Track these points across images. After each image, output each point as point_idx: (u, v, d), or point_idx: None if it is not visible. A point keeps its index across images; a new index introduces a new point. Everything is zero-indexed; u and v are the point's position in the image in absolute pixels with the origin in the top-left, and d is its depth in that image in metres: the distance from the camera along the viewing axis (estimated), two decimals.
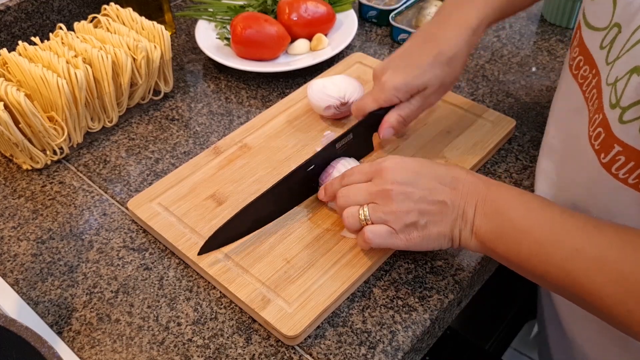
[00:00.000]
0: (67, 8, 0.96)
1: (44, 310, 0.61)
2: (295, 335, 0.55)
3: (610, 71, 0.52)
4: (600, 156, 0.53)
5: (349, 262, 0.61)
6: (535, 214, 0.54)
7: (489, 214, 0.55)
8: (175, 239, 0.64)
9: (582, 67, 0.58)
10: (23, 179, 0.75)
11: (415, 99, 0.67)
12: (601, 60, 0.54)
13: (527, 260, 0.53)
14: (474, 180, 0.57)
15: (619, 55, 0.51)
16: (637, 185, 0.50)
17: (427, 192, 0.56)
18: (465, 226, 0.56)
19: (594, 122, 0.54)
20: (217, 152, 0.74)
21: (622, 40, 0.50)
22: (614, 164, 0.51)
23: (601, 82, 0.54)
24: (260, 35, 0.87)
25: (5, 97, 0.70)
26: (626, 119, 0.49)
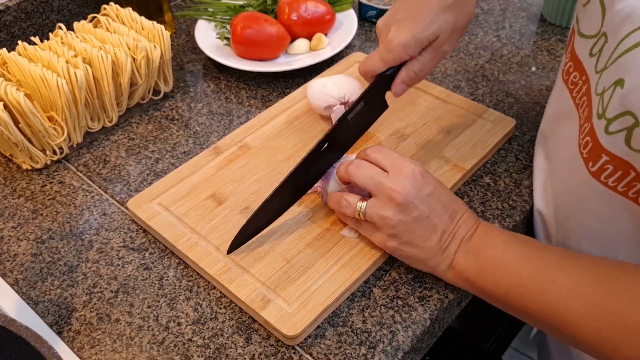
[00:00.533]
0: (67, 8, 0.96)
1: (43, 310, 0.61)
2: (295, 335, 0.55)
3: (599, 80, 0.52)
4: (589, 165, 0.53)
5: (349, 262, 0.61)
6: (513, 250, 0.55)
7: (470, 252, 0.56)
8: (175, 239, 0.64)
9: (572, 73, 0.58)
10: (23, 178, 0.75)
11: (427, 52, 0.61)
12: (591, 68, 0.54)
13: (506, 295, 0.53)
14: (468, 219, 0.58)
15: (606, 65, 0.51)
16: (626, 192, 0.50)
17: (426, 214, 0.56)
18: (444, 260, 0.57)
19: (584, 130, 0.54)
20: (217, 152, 0.74)
21: (609, 51, 0.50)
22: (603, 173, 0.52)
23: (590, 90, 0.54)
24: (260, 35, 0.87)
25: (5, 97, 0.70)
26: (612, 130, 0.49)
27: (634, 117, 0.46)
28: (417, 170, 0.57)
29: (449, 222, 0.57)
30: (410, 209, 0.56)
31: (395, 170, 0.57)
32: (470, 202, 0.69)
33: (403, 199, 0.55)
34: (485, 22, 0.99)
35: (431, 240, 0.56)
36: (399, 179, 0.56)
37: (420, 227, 0.56)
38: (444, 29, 0.59)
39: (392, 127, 0.76)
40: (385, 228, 0.57)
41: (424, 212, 0.56)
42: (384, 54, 0.61)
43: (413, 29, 0.58)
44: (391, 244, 0.58)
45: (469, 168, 0.70)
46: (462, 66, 0.89)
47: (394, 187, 0.56)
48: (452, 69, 0.89)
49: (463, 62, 0.90)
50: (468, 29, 0.97)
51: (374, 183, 0.57)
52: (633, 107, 0.46)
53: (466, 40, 0.95)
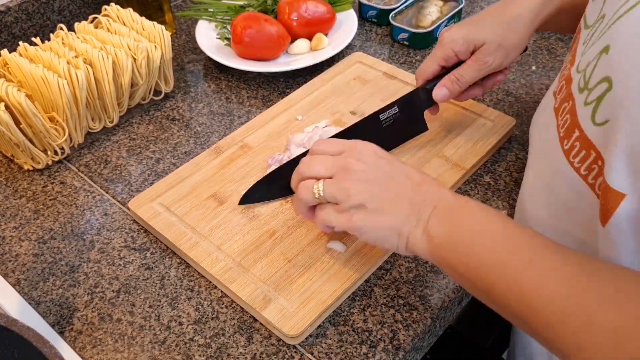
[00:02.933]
0: (68, 8, 0.96)
1: (45, 310, 0.61)
2: (296, 334, 0.55)
3: (581, 59, 0.52)
4: (564, 143, 0.51)
5: (350, 261, 0.61)
6: (494, 224, 0.50)
7: (447, 217, 0.51)
8: (176, 238, 0.64)
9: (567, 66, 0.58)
10: (24, 179, 0.76)
11: (472, 59, 0.66)
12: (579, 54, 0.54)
13: (476, 269, 0.49)
14: (441, 188, 0.54)
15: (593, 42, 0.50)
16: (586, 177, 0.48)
17: (389, 178, 0.53)
18: (418, 225, 0.52)
19: (563, 111, 0.53)
20: (218, 151, 0.74)
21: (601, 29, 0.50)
22: (572, 150, 0.50)
23: (571, 72, 0.54)
24: (261, 35, 0.87)
25: (6, 97, 0.70)
26: (589, 100, 0.48)
27: (608, 82, 0.45)
28: (371, 145, 0.56)
29: (415, 187, 0.53)
30: (370, 173, 0.53)
31: (348, 149, 0.55)
32: None
33: (361, 164, 0.53)
34: None
35: (401, 202, 0.52)
36: (353, 152, 0.55)
37: (385, 191, 0.53)
38: (491, 38, 0.65)
39: None
40: (346, 200, 0.53)
41: (386, 173, 0.53)
42: (435, 51, 0.67)
43: (465, 30, 0.66)
44: (357, 217, 0.53)
45: (469, 167, 0.70)
46: None
47: (349, 158, 0.54)
48: None
49: None
50: None
51: (327, 165, 0.55)
52: (612, 70, 0.45)
53: None
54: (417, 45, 0.93)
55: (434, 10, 0.96)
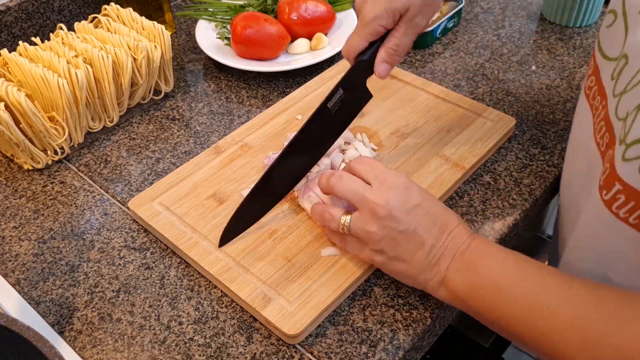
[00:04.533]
0: (68, 8, 0.96)
1: (45, 310, 0.61)
2: (296, 334, 0.55)
3: (619, 104, 0.50)
4: (602, 193, 0.51)
5: (350, 261, 0.61)
6: (509, 269, 0.52)
7: (463, 269, 0.53)
8: (176, 238, 0.64)
9: (596, 97, 0.57)
10: (24, 179, 0.76)
11: (400, 26, 0.61)
12: (609, 91, 0.53)
13: (499, 319, 0.51)
14: (461, 232, 0.55)
15: (625, 89, 0.49)
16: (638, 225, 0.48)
17: (413, 226, 0.54)
18: (435, 277, 0.55)
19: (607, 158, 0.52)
20: (218, 151, 0.74)
21: (630, 73, 0.48)
22: (615, 202, 0.49)
23: (609, 114, 0.52)
24: (261, 35, 0.87)
25: (6, 97, 0.70)
26: (628, 156, 0.47)
27: None
28: (401, 182, 0.56)
29: (438, 235, 0.54)
30: (395, 223, 0.54)
31: (378, 183, 0.56)
32: (470, 201, 0.69)
33: (387, 212, 0.54)
34: (485, 21, 0.99)
35: (419, 255, 0.54)
36: (382, 192, 0.55)
37: (406, 241, 0.54)
38: (413, 1, 0.60)
39: (392, 126, 0.77)
40: (370, 243, 0.56)
41: (409, 225, 0.54)
42: (359, 29, 0.62)
43: (385, 2, 0.60)
44: (378, 259, 0.56)
45: (469, 167, 0.70)
46: (462, 65, 0.89)
47: (377, 200, 0.54)
48: (452, 68, 0.89)
49: (463, 61, 0.90)
50: (465, 28, 0.97)
51: (357, 197, 0.56)
52: None
53: (466, 39, 0.95)
54: (416, 45, 0.93)
55: None
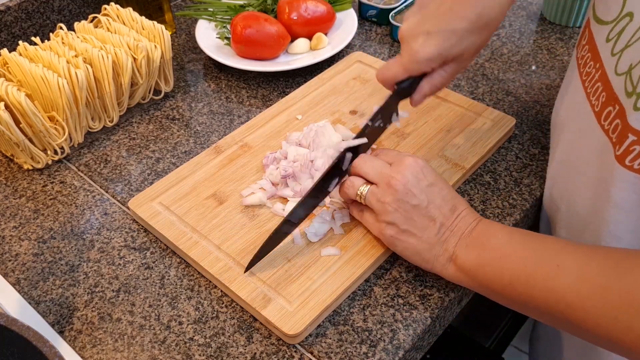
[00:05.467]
0: (68, 8, 0.96)
1: (45, 310, 0.61)
2: (296, 333, 0.55)
3: (619, 60, 0.51)
4: (616, 148, 0.52)
5: (350, 261, 0.61)
6: (516, 239, 0.54)
7: (472, 244, 0.56)
8: (176, 238, 0.64)
9: (588, 63, 0.58)
10: (24, 178, 0.76)
11: (449, 66, 0.61)
12: (606, 52, 0.54)
13: (509, 285, 0.53)
14: (469, 215, 0.58)
15: (628, 43, 0.50)
16: None
17: (425, 202, 0.57)
18: (443, 254, 0.57)
19: (609, 115, 0.53)
20: (218, 151, 0.74)
21: (634, 28, 0.50)
22: (629, 155, 0.50)
23: (607, 73, 0.53)
24: (261, 35, 0.87)
25: (6, 97, 0.70)
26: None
27: None
28: (418, 162, 0.58)
29: (448, 215, 0.57)
30: (408, 197, 0.56)
31: (397, 162, 0.59)
32: (470, 201, 0.69)
33: (402, 186, 0.56)
34: None
35: (429, 231, 0.57)
36: (399, 169, 0.58)
37: (418, 216, 0.57)
38: (469, 48, 0.59)
39: (393, 126, 0.76)
40: (383, 214, 0.58)
41: (422, 201, 0.57)
42: (407, 64, 0.60)
43: (441, 45, 0.58)
44: (388, 232, 0.58)
45: (469, 167, 0.70)
46: None
47: (394, 175, 0.57)
48: None
49: None
50: None
51: (376, 172, 0.59)
52: None
53: None
54: None
55: None
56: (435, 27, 0.58)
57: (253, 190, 0.68)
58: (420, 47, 0.58)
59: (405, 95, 0.64)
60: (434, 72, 0.61)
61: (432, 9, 0.58)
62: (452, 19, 0.57)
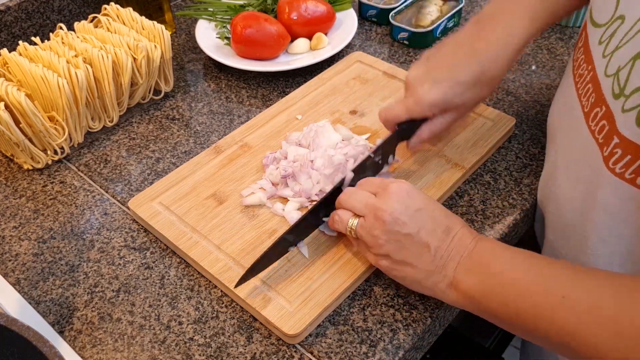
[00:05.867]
0: (68, 8, 0.96)
1: (45, 310, 0.61)
2: (296, 333, 0.55)
3: (609, 62, 0.51)
4: (603, 150, 0.52)
5: (350, 261, 0.61)
6: (519, 263, 0.52)
7: (473, 268, 0.53)
8: (176, 238, 0.64)
9: (582, 65, 0.58)
10: (24, 178, 0.76)
11: (450, 114, 0.65)
12: (598, 54, 0.54)
13: (516, 316, 0.51)
14: (465, 235, 0.55)
15: (618, 45, 0.50)
16: (634, 180, 0.49)
17: (416, 229, 0.54)
18: (443, 280, 0.55)
19: (596, 116, 0.53)
20: (218, 151, 0.74)
21: (624, 30, 0.50)
22: (612, 157, 0.50)
23: (597, 75, 0.53)
24: (260, 35, 0.87)
25: (6, 97, 0.70)
26: (627, 107, 0.48)
27: None
28: (403, 187, 0.57)
29: (442, 237, 0.55)
30: (398, 226, 0.54)
31: (382, 191, 0.57)
32: (470, 201, 0.69)
33: (389, 216, 0.54)
34: None
35: (425, 258, 0.54)
36: (385, 199, 0.56)
37: (411, 244, 0.55)
38: (472, 99, 0.64)
39: None
40: (375, 247, 0.56)
41: (412, 228, 0.54)
42: (411, 107, 0.63)
43: (445, 93, 0.62)
44: (384, 264, 0.57)
45: (468, 167, 0.70)
46: None
47: (381, 205, 0.55)
48: None
49: None
50: None
51: (362, 205, 0.57)
52: None
53: None
54: (417, 44, 0.93)
55: (433, 9, 0.96)
56: (441, 76, 0.63)
57: (253, 190, 0.68)
58: (426, 92, 0.63)
59: (403, 138, 0.66)
60: (434, 118, 0.65)
61: (438, 60, 0.64)
62: (457, 71, 0.63)
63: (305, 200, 0.67)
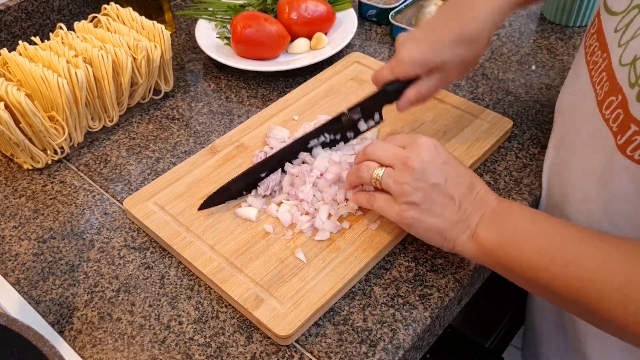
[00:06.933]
0: (67, 8, 0.96)
1: (45, 310, 0.61)
2: (287, 335, 0.55)
3: (624, 51, 0.52)
4: (617, 138, 0.52)
5: (343, 262, 0.61)
6: (539, 223, 0.54)
7: (494, 222, 0.55)
8: (170, 238, 0.64)
9: (596, 52, 0.58)
10: (24, 178, 0.76)
11: (435, 76, 0.65)
12: (613, 43, 0.54)
13: (528, 268, 0.53)
14: (488, 193, 0.58)
15: (635, 34, 0.51)
16: None
17: (442, 180, 0.57)
18: (465, 231, 0.56)
19: (611, 104, 0.53)
20: (214, 151, 0.74)
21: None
22: (630, 145, 0.51)
23: (612, 63, 0.54)
24: (260, 35, 0.87)
25: (6, 96, 0.70)
26: None
27: None
28: (431, 141, 0.59)
29: (466, 193, 0.57)
30: (427, 175, 0.56)
31: (410, 143, 0.59)
32: None
33: (419, 164, 0.56)
34: None
35: (450, 209, 0.56)
36: (413, 149, 0.58)
37: (438, 194, 0.56)
38: (451, 59, 0.64)
39: (390, 127, 0.77)
40: (402, 196, 0.57)
41: (439, 178, 0.56)
42: (394, 66, 0.65)
43: (424, 51, 0.63)
44: (409, 214, 0.57)
45: None
46: None
47: (410, 155, 0.57)
48: None
49: None
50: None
51: (391, 155, 0.59)
52: None
53: None
54: None
55: (433, 9, 0.96)
56: (423, 35, 0.64)
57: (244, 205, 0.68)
58: (407, 51, 0.64)
59: (391, 99, 0.67)
60: (420, 80, 0.65)
61: (426, 24, 0.66)
62: (439, 31, 0.64)
63: (297, 202, 0.67)
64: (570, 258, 0.50)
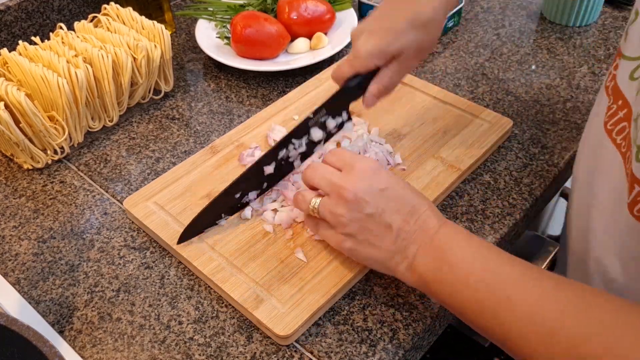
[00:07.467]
0: (67, 7, 0.96)
1: (45, 310, 0.61)
2: (287, 335, 0.55)
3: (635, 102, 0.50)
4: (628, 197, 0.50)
5: (344, 261, 0.61)
6: (477, 260, 0.51)
7: (431, 255, 0.53)
8: (169, 237, 0.64)
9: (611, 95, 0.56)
10: (24, 178, 0.76)
11: (394, 64, 0.62)
12: (631, 93, 0.52)
13: (461, 307, 0.51)
14: (430, 217, 0.55)
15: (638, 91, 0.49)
16: None
17: (379, 210, 0.54)
18: (403, 261, 0.54)
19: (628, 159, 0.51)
20: (214, 151, 0.74)
21: None
22: (636, 205, 0.49)
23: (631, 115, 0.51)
24: (260, 34, 0.87)
25: (6, 96, 0.70)
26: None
27: None
28: (369, 167, 0.56)
29: (406, 219, 0.54)
30: (362, 205, 0.54)
31: (347, 168, 0.56)
32: (470, 201, 0.69)
33: (353, 195, 0.54)
34: (485, 21, 0.99)
35: (387, 239, 0.54)
36: (349, 177, 0.55)
37: (374, 224, 0.54)
38: (408, 45, 0.61)
39: (389, 126, 0.77)
40: (338, 227, 0.56)
41: (376, 208, 0.54)
42: (352, 60, 0.62)
43: (379, 41, 0.61)
44: (347, 245, 0.56)
45: (464, 168, 0.70)
46: (462, 65, 0.89)
47: (344, 184, 0.55)
48: (452, 68, 0.89)
49: (463, 60, 0.90)
50: (465, 27, 0.97)
51: (326, 182, 0.57)
52: None
53: (466, 38, 0.95)
54: None
55: None
56: (377, 25, 0.62)
57: None
58: (361, 44, 0.61)
59: (355, 95, 0.65)
60: (380, 72, 0.63)
61: (377, 12, 0.63)
62: (391, 19, 0.61)
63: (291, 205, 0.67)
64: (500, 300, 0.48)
